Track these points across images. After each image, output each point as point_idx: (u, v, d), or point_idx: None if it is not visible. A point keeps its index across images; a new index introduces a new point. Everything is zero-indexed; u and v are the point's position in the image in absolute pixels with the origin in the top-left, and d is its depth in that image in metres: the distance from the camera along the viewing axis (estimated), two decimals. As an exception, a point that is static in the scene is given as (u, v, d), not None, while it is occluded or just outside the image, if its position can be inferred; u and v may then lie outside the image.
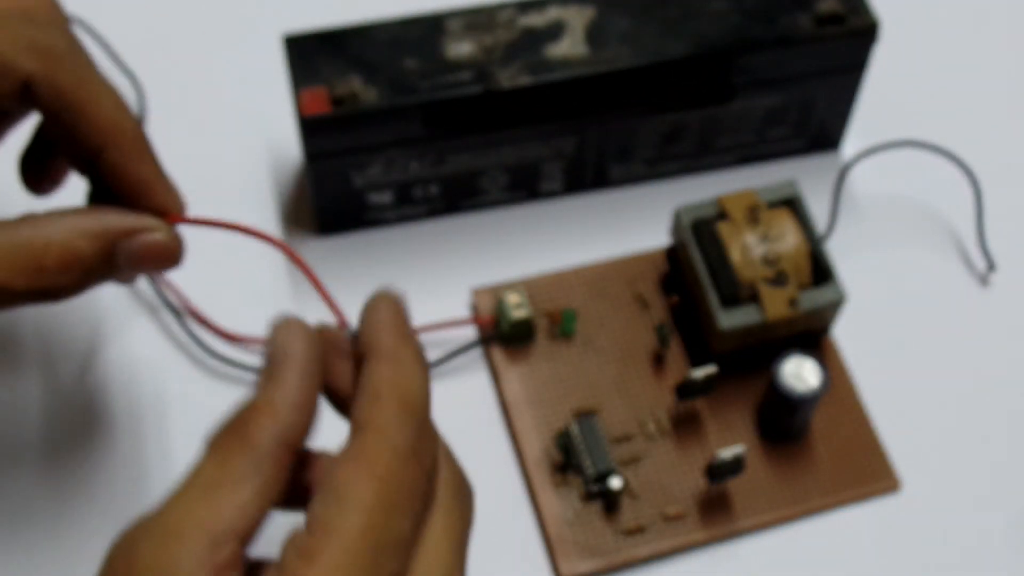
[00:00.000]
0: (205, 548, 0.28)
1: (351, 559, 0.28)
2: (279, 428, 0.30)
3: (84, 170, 0.36)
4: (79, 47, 0.36)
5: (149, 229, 0.35)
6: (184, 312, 0.48)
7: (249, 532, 0.29)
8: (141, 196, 0.36)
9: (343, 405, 0.33)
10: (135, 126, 0.36)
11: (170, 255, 0.35)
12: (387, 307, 0.33)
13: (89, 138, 0.35)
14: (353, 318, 0.48)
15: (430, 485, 0.31)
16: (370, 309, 0.33)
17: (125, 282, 0.37)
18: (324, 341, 0.33)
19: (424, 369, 0.32)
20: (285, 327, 0.32)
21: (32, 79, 0.34)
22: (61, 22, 0.38)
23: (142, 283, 0.48)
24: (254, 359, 0.47)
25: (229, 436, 0.30)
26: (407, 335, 0.32)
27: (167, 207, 0.36)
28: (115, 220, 0.35)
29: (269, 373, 0.31)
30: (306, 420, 0.31)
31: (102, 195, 0.37)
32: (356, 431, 0.30)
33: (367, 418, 0.30)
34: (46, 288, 0.34)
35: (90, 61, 0.36)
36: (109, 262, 0.34)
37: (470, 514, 0.32)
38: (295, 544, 0.28)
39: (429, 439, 0.31)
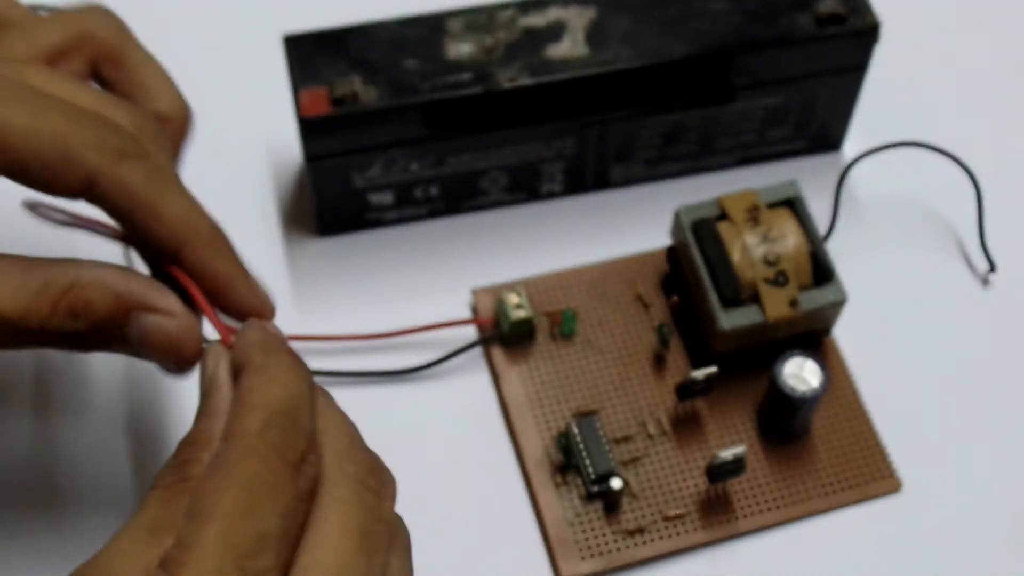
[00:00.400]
0: None
1: (209, 566, 0.28)
2: None
3: (159, 270, 0.36)
4: (152, 141, 0.35)
5: (164, 312, 0.34)
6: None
7: None
8: (220, 297, 0.35)
9: None
10: (210, 224, 0.35)
11: (173, 349, 0.34)
12: (255, 329, 0.33)
13: (162, 238, 0.34)
14: (358, 321, 0.48)
15: (304, 480, 0.30)
16: (239, 336, 0.33)
17: (144, 358, 0.35)
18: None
19: (295, 374, 0.31)
20: (212, 355, 0.32)
21: (96, 174, 0.34)
22: (127, 46, 0.37)
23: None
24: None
25: (171, 475, 0.30)
26: (276, 349, 0.32)
27: (251, 308, 0.35)
28: (136, 287, 0.34)
29: (203, 406, 0.31)
30: None
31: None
32: (220, 443, 0.30)
33: (230, 429, 0.30)
34: (55, 331, 0.33)
35: (162, 163, 0.35)
36: (121, 327, 0.33)
37: (379, 503, 0.31)
38: (162, 561, 0.28)
39: (299, 436, 0.30)
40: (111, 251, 0.40)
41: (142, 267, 0.36)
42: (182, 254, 0.34)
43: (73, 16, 0.38)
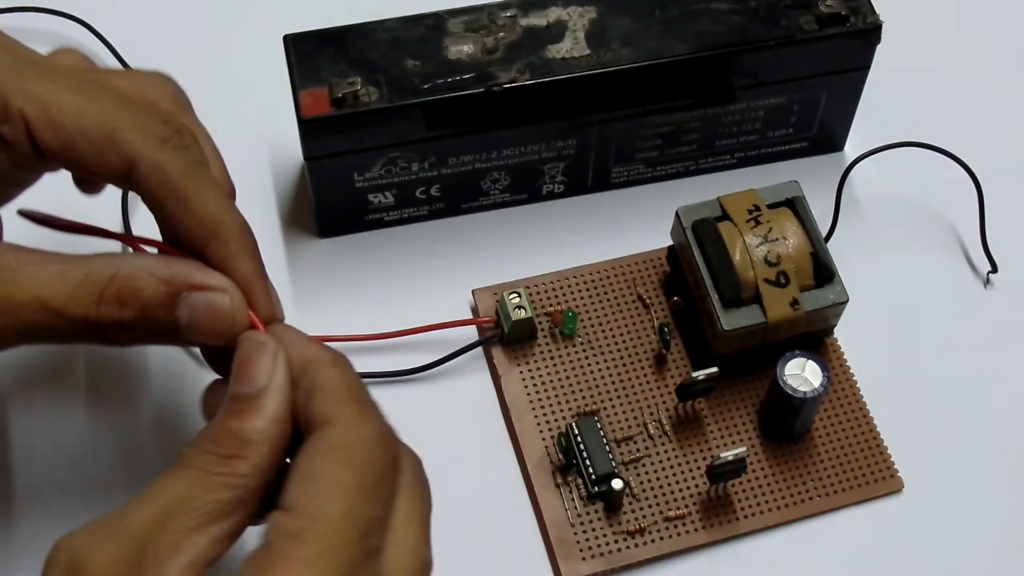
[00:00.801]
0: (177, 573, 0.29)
1: (338, 540, 0.29)
2: (265, 464, 0.31)
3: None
4: (194, 141, 0.36)
5: (217, 289, 0.34)
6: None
7: (218, 560, 0.30)
8: None
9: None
10: (241, 223, 0.35)
11: (227, 324, 0.34)
12: (294, 329, 0.34)
13: (192, 230, 0.35)
14: (358, 321, 0.48)
15: (396, 471, 0.32)
16: (296, 332, 0.34)
17: (185, 344, 0.35)
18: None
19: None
20: (269, 355, 0.33)
21: (137, 156, 0.34)
22: (185, 114, 0.38)
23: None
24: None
25: (216, 464, 0.31)
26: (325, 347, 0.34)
27: (264, 314, 0.35)
28: (181, 269, 0.34)
29: (258, 404, 0.32)
30: (283, 453, 0.32)
31: None
32: (322, 427, 0.31)
33: (332, 414, 0.31)
34: (102, 320, 0.33)
35: (202, 158, 0.36)
36: (170, 311, 0.34)
37: (429, 497, 0.33)
38: (280, 527, 0.29)
39: (390, 428, 0.32)
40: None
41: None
42: (209, 249, 0.35)
43: (138, 76, 0.39)
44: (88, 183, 0.40)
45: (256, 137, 0.53)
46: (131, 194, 0.49)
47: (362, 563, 0.30)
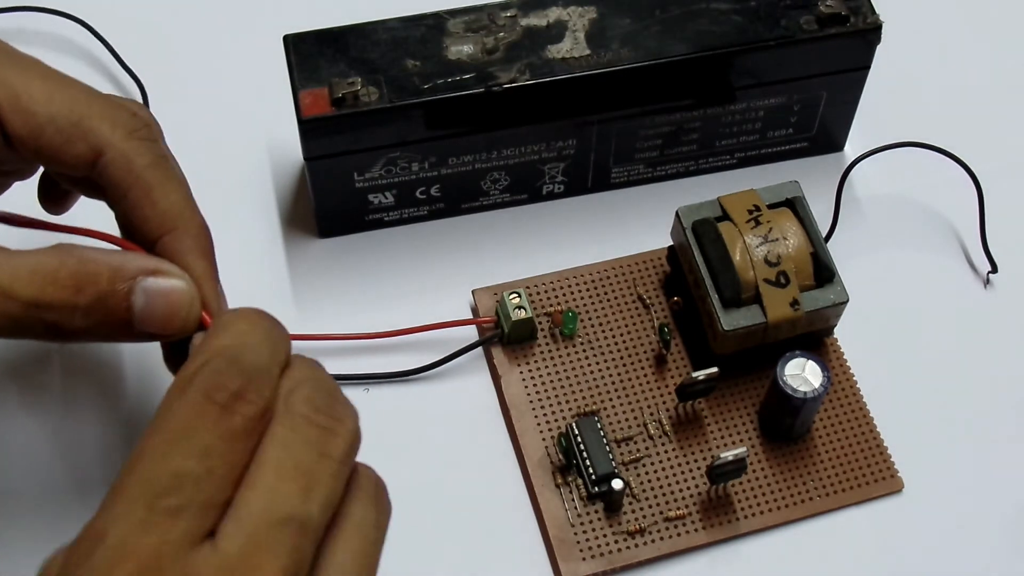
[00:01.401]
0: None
1: (125, 506, 0.28)
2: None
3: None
4: (159, 141, 0.36)
5: (170, 274, 0.34)
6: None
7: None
8: None
9: None
10: (200, 222, 0.36)
11: (182, 310, 0.34)
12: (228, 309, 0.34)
13: (152, 222, 0.35)
14: (358, 321, 0.48)
15: (238, 419, 0.29)
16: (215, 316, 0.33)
17: (137, 338, 0.35)
18: None
19: (250, 324, 0.31)
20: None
21: (106, 145, 0.35)
22: (151, 122, 0.38)
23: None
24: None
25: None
26: (238, 312, 0.32)
27: (212, 312, 0.35)
28: (136, 257, 0.34)
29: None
30: None
31: None
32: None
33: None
34: (55, 303, 0.33)
35: (166, 156, 0.36)
36: (124, 300, 0.33)
37: (326, 439, 0.30)
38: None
39: (233, 377, 0.30)
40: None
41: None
42: (164, 240, 0.35)
43: (114, 98, 0.39)
44: (53, 199, 0.40)
45: (256, 137, 0.53)
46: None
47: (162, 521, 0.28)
